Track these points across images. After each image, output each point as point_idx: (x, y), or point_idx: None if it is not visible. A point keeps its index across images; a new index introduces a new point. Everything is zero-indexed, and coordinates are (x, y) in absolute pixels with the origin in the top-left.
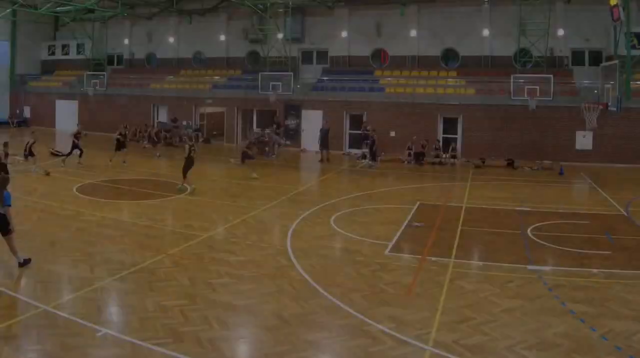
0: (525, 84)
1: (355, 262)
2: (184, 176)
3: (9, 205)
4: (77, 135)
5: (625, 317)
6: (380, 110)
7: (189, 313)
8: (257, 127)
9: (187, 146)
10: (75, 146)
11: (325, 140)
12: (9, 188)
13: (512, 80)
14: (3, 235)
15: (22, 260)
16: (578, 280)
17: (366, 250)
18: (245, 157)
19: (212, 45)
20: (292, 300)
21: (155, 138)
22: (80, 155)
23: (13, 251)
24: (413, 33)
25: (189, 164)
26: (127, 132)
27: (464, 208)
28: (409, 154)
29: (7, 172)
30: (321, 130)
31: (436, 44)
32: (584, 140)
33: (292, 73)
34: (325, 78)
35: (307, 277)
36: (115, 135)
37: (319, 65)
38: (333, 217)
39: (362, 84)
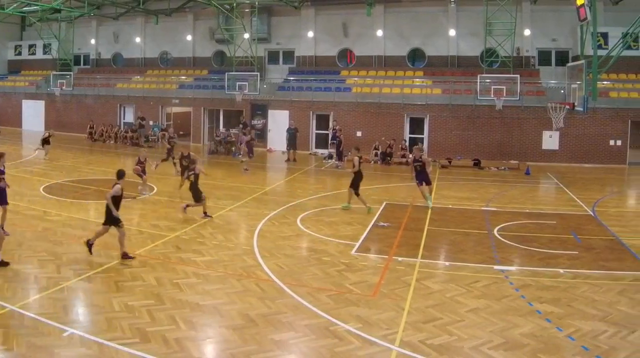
0: (492, 84)
1: (322, 262)
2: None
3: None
4: (46, 139)
5: (592, 317)
6: (347, 110)
7: (155, 313)
8: (224, 127)
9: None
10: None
11: (293, 140)
12: None
13: (478, 80)
14: None
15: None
16: (544, 280)
17: (333, 250)
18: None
19: (178, 45)
20: (259, 300)
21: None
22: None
23: None
24: (379, 33)
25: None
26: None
27: (430, 208)
28: (376, 154)
29: None
30: (288, 130)
31: (402, 44)
32: (550, 140)
33: (258, 73)
34: (291, 78)
35: (273, 276)
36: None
37: (286, 65)
38: (299, 217)
39: (329, 84)
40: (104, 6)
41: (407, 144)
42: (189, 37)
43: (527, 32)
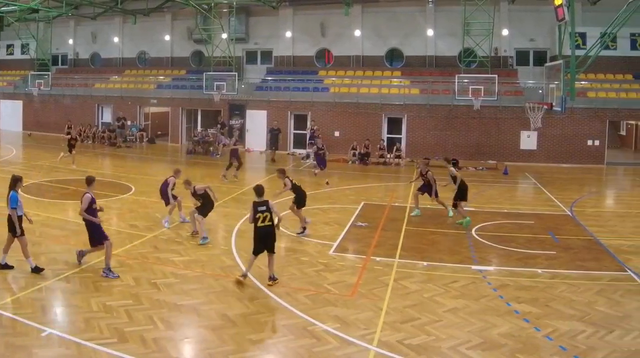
0: (470, 84)
1: (300, 262)
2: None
3: (14, 208)
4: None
5: (569, 317)
6: (325, 110)
7: (133, 313)
8: (202, 126)
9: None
10: None
11: (275, 140)
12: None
13: (456, 80)
14: (15, 236)
15: (33, 265)
16: (522, 280)
17: (311, 250)
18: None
19: (156, 45)
20: (237, 300)
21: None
22: None
23: (25, 254)
24: (357, 33)
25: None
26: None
27: (408, 208)
28: (354, 154)
29: None
30: (271, 130)
31: (380, 44)
32: (528, 140)
33: (236, 73)
34: (269, 78)
35: (251, 276)
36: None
37: (263, 65)
38: (277, 218)
39: (307, 84)
40: (82, 6)
41: (385, 144)
42: (167, 37)
43: (505, 32)
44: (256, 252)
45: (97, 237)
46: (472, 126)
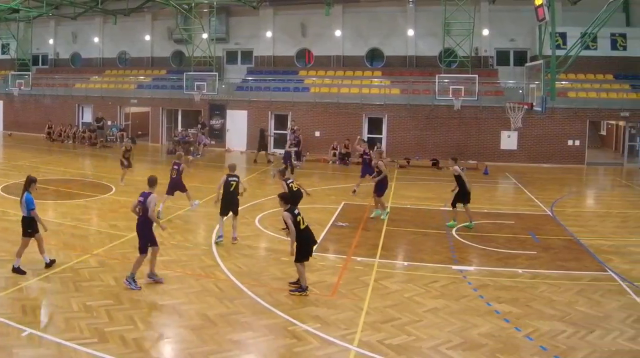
0: (450, 84)
1: (280, 262)
2: None
3: (33, 209)
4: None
5: (550, 317)
6: (305, 110)
7: (114, 313)
8: (182, 126)
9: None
10: None
11: (262, 141)
12: None
13: (437, 80)
14: (23, 236)
15: (17, 265)
16: (503, 280)
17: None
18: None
19: (136, 45)
20: (217, 300)
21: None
22: None
23: (19, 254)
24: (338, 33)
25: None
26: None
27: (388, 208)
28: (334, 154)
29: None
30: (262, 131)
31: (361, 44)
32: (508, 140)
33: (216, 73)
34: (249, 78)
35: (232, 277)
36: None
37: (244, 65)
38: (258, 217)
39: (287, 84)
40: (63, 6)
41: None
42: (147, 37)
43: (485, 32)
44: (303, 259)
45: (150, 241)
46: (453, 126)
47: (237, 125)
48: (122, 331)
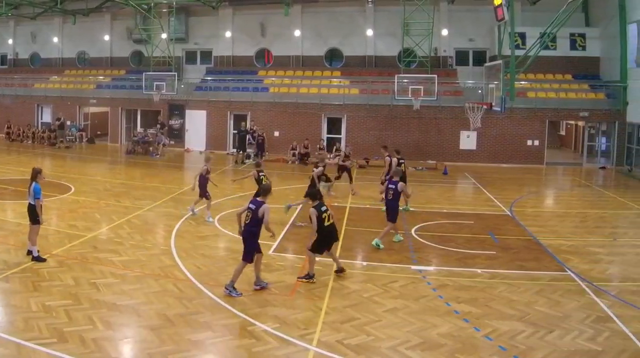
0: (410, 84)
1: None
2: None
3: (39, 198)
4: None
5: (509, 317)
6: (265, 110)
7: (73, 313)
8: (141, 126)
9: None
10: None
11: (242, 142)
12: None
13: (396, 80)
14: (32, 224)
15: (36, 254)
16: (462, 280)
17: None
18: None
19: (96, 45)
20: (176, 300)
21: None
22: None
23: (32, 241)
24: (297, 33)
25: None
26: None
27: (348, 208)
28: (293, 154)
29: None
30: (239, 131)
31: (320, 43)
32: (468, 140)
33: (175, 73)
34: (209, 78)
35: (191, 277)
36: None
37: (203, 65)
38: (217, 217)
39: (246, 84)
40: (22, 6)
41: (325, 143)
42: (107, 37)
43: (444, 32)
44: (319, 251)
45: (257, 248)
46: (412, 126)
47: (196, 125)
48: (81, 331)
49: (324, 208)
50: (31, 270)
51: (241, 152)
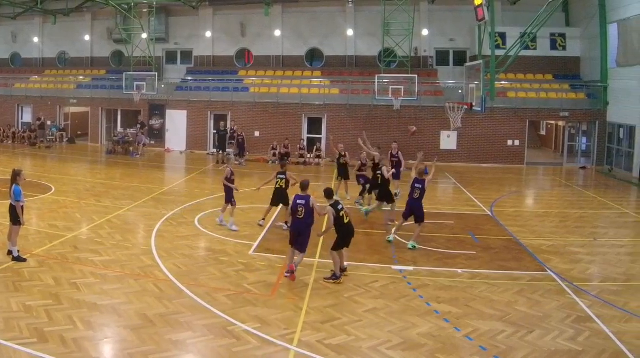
0: (390, 84)
1: (220, 262)
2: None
3: (19, 201)
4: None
5: (489, 317)
6: (245, 110)
7: (53, 313)
8: (122, 126)
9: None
10: None
11: (223, 142)
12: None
13: (376, 80)
14: (13, 225)
15: (16, 254)
16: (443, 280)
17: (231, 250)
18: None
19: (76, 45)
20: (157, 300)
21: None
22: None
23: (13, 242)
24: (277, 33)
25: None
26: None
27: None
28: (274, 154)
29: None
30: (219, 131)
31: (300, 44)
32: (448, 140)
33: (156, 73)
34: (189, 78)
35: (171, 277)
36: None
37: (183, 65)
38: (197, 217)
39: (227, 84)
40: (2, 6)
41: (305, 143)
42: (87, 37)
43: (425, 32)
44: (338, 248)
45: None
46: (392, 126)
47: (176, 125)
48: (61, 331)
49: (340, 206)
50: (12, 270)
51: (221, 152)
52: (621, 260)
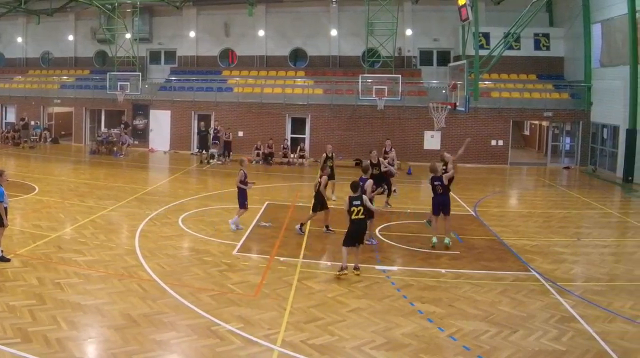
0: (374, 84)
1: (203, 262)
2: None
3: (2, 202)
4: None
5: (473, 316)
6: (229, 110)
7: (37, 313)
8: (105, 126)
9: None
10: None
11: (204, 141)
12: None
13: (360, 80)
14: None
15: (0, 255)
16: (426, 280)
17: (214, 250)
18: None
19: (60, 45)
20: (140, 300)
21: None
22: None
23: None
24: (261, 33)
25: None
26: None
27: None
28: (257, 154)
29: None
30: (199, 131)
31: (284, 44)
32: (432, 140)
33: (140, 73)
34: (173, 78)
35: (155, 277)
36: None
37: (167, 65)
38: (181, 217)
39: (210, 84)
40: None
41: (289, 144)
42: (71, 37)
43: (408, 32)
44: (347, 243)
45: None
46: (376, 126)
47: (160, 125)
48: (45, 331)
49: (356, 202)
50: None
51: (203, 152)
52: (605, 260)
